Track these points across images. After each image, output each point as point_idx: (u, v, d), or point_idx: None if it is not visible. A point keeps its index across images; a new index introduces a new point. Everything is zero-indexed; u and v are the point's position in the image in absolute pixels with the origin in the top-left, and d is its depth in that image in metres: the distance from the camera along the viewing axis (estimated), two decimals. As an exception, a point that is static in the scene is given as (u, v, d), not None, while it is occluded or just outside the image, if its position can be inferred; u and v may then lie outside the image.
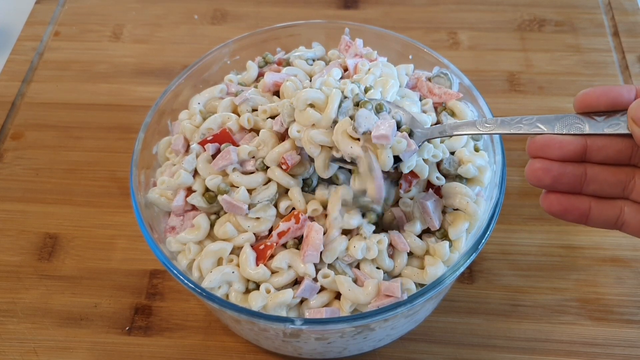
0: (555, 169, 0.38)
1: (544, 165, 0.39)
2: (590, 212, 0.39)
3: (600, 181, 0.38)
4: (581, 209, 0.39)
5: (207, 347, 0.59)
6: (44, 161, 0.74)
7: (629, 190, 0.38)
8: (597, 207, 0.39)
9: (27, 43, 0.87)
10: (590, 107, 0.38)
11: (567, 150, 0.38)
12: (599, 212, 0.39)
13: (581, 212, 0.39)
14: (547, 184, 0.39)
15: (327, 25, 0.65)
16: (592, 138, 0.38)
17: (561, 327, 0.59)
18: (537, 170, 0.39)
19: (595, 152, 0.38)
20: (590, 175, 0.38)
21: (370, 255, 0.49)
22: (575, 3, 0.88)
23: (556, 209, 0.39)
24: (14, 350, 0.59)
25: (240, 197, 0.50)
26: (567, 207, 0.39)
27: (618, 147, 0.38)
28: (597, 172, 0.38)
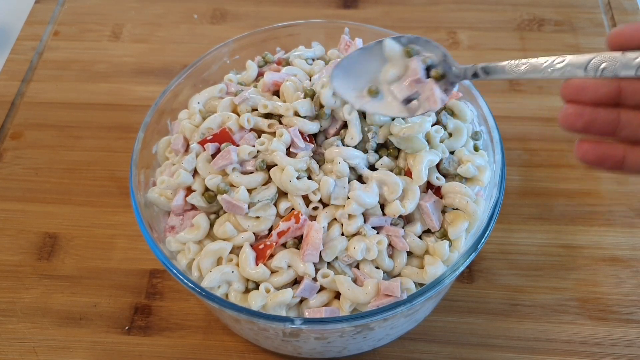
0: (588, 113, 0.38)
1: (577, 110, 0.38)
2: (625, 159, 0.38)
3: (634, 126, 0.37)
4: (616, 156, 0.38)
5: (206, 346, 0.59)
6: (44, 161, 0.74)
7: None
8: (633, 152, 0.38)
9: (26, 43, 0.87)
10: (624, 45, 0.37)
11: (600, 93, 0.38)
12: (635, 158, 0.38)
13: (616, 160, 0.38)
14: (579, 128, 0.38)
15: (326, 25, 0.65)
16: (626, 80, 0.37)
17: (560, 327, 0.59)
18: (570, 115, 0.38)
19: (630, 95, 0.37)
20: (625, 120, 0.38)
21: (370, 255, 0.49)
22: (574, 3, 0.88)
23: (591, 158, 0.39)
24: (14, 349, 0.59)
25: (240, 197, 0.50)
26: (602, 156, 0.38)
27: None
28: (631, 117, 0.38)
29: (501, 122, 0.57)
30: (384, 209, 0.50)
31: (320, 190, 0.50)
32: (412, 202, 0.50)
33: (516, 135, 0.73)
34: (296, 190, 0.49)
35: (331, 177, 0.50)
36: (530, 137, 0.73)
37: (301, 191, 0.50)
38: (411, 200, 0.50)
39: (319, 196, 0.50)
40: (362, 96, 0.51)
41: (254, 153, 0.51)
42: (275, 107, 0.54)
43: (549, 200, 0.68)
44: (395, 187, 0.49)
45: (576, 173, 0.70)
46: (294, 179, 0.49)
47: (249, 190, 0.51)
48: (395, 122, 0.52)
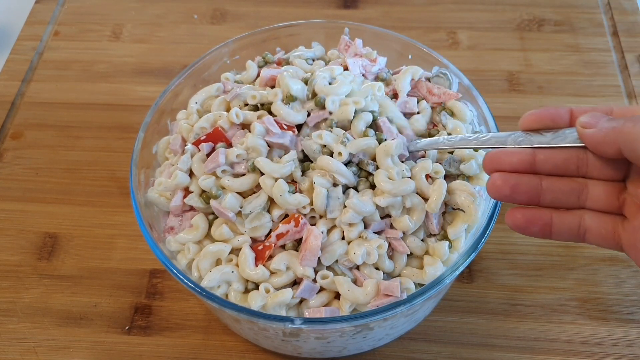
0: (513, 178, 0.41)
1: (502, 176, 0.42)
2: (552, 223, 0.41)
3: (555, 190, 0.41)
4: (544, 219, 0.42)
5: (206, 346, 0.59)
6: (44, 161, 0.74)
7: (583, 198, 0.41)
8: (559, 217, 0.42)
9: (26, 43, 0.87)
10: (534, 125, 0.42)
11: (516, 159, 0.42)
12: (561, 222, 0.41)
13: (544, 223, 0.42)
14: (506, 193, 0.41)
15: (326, 25, 0.65)
16: (539, 150, 0.42)
17: (560, 327, 0.59)
18: (496, 181, 0.42)
19: (543, 162, 0.41)
20: (546, 186, 0.41)
21: (370, 260, 0.48)
22: (574, 3, 0.88)
23: (520, 222, 0.42)
24: (14, 349, 0.60)
25: (226, 205, 0.49)
26: (530, 219, 0.42)
27: (563, 157, 0.41)
28: (551, 182, 0.41)
29: (501, 122, 0.57)
30: (393, 223, 0.50)
31: (314, 204, 0.49)
32: (421, 215, 0.50)
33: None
34: (287, 204, 0.49)
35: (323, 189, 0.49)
36: (530, 137, 0.73)
37: (292, 206, 0.49)
38: (419, 213, 0.50)
39: (308, 210, 0.49)
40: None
41: (243, 155, 0.51)
42: (263, 96, 0.54)
43: (548, 200, 0.68)
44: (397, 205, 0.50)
45: (576, 173, 0.70)
46: (285, 194, 0.49)
47: (240, 193, 0.51)
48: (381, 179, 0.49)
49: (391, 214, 0.50)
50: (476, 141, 0.46)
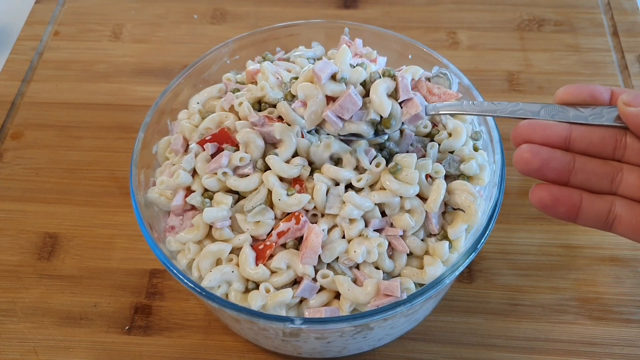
0: (545, 152, 0.38)
1: (532, 148, 0.39)
2: (581, 206, 0.38)
3: (587, 171, 0.38)
4: (572, 200, 0.38)
5: (206, 346, 0.59)
6: (44, 161, 0.74)
7: (616, 184, 0.38)
8: (588, 200, 0.39)
9: (26, 43, 0.87)
10: (571, 99, 0.39)
11: (551, 133, 0.39)
12: (590, 205, 0.38)
13: (572, 204, 0.38)
14: (535, 167, 0.38)
15: (326, 25, 0.65)
16: (575, 126, 0.39)
17: (560, 327, 0.59)
18: (525, 153, 0.38)
19: (579, 139, 0.38)
20: (578, 165, 0.38)
21: (370, 258, 0.48)
22: (574, 3, 0.88)
23: (547, 200, 0.39)
24: (14, 349, 0.60)
25: (214, 214, 0.50)
26: (559, 198, 0.38)
27: (601, 135, 0.38)
28: (584, 161, 0.38)
29: (501, 122, 0.57)
30: (392, 222, 0.50)
31: (314, 201, 0.50)
32: (422, 215, 0.50)
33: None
34: (288, 207, 0.49)
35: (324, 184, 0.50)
36: (530, 137, 0.73)
37: (294, 207, 0.49)
38: (420, 214, 0.50)
39: (312, 206, 0.50)
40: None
41: (246, 160, 0.51)
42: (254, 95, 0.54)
43: (548, 200, 0.68)
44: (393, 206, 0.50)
45: (576, 173, 0.70)
46: (283, 197, 0.49)
47: (244, 195, 0.51)
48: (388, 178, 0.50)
49: (386, 213, 0.50)
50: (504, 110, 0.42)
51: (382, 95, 0.48)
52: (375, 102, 0.48)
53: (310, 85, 0.49)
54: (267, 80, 0.54)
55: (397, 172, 0.49)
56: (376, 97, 0.48)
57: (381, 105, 0.48)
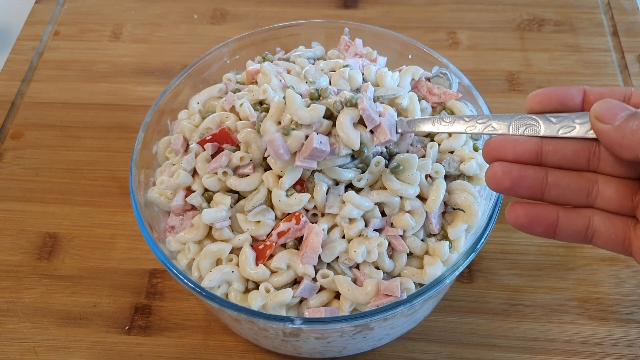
0: (515, 171, 0.38)
1: (504, 167, 0.38)
2: (558, 223, 0.38)
3: (562, 186, 0.37)
4: (548, 219, 0.38)
5: (206, 346, 0.59)
6: (44, 161, 0.74)
7: (592, 197, 0.38)
8: (565, 217, 0.38)
9: (26, 42, 0.87)
10: (540, 108, 0.38)
11: (521, 149, 0.38)
12: (567, 222, 0.38)
13: (548, 224, 0.38)
14: (506, 186, 0.38)
15: (326, 25, 0.65)
16: (546, 140, 0.38)
17: (560, 327, 0.59)
18: (497, 172, 0.38)
19: (551, 153, 0.38)
20: (552, 180, 0.38)
21: (370, 258, 0.48)
22: (574, 3, 0.88)
23: (522, 220, 0.38)
24: (14, 349, 0.60)
25: (212, 215, 0.49)
26: (534, 218, 0.38)
27: (573, 148, 0.37)
28: (558, 176, 0.38)
29: (501, 122, 0.57)
30: (392, 222, 0.50)
31: (315, 200, 0.50)
32: (422, 215, 0.50)
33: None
34: (288, 207, 0.49)
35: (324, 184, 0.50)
36: (530, 137, 0.73)
37: (295, 207, 0.49)
38: (420, 215, 0.50)
39: (313, 204, 0.50)
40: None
41: (246, 159, 0.51)
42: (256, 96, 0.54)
43: (548, 200, 0.68)
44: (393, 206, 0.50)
45: (576, 173, 0.70)
46: (283, 197, 0.49)
47: (244, 195, 0.51)
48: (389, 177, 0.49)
49: (386, 213, 0.50)
50: (473, 127, 0.41)
51: (349, 129, 0.47)
52: (343, 138, 0.47)
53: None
54: (270, 83, 0.54)
55: (399, 172, 0.49)
56: (343, 133, 0.47)
57: (349, 140, 0.47)
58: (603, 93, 0.37)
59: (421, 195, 0.51)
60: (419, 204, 0.50)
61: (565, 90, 0.38)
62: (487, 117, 0.40)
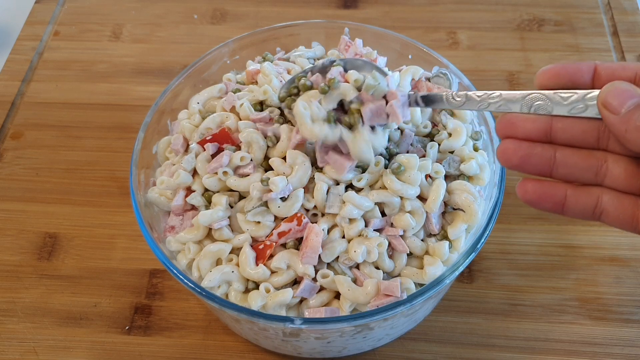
0: (524, 148, 0.38)
1: (514, 145, 0.39)
2: (566, 200, 0.38)
3: (570, 165, 0.38)
4: (557, 196, 0.38)
5: (206, 346, 0.59)
6: (44, 161, 0.74)
7: (601, 175, 0.38)
8: (573, 195, 0.38)
9: (26, 42, 0.87)
10: (551, 83, 0.38)
11: (531, 127, 0.38)
12: (575, 199, 0.38)
13: (557, 200, 0.38)
14: (515, 163, 0.39)
15: (326, 25, 0.65)
16: (556, 118, 0.38)
17: (560, 327, 0.59)
18: (506, 149, 0.39)
19: (561, 131, 0.38)
20: (560, 158, 0.38)
21: (370, 258, 0.48)
22: (574, 3, 0.88)
23: (531, 196, 0.39)
24: (14, 349, 0.60)
25: (209, 217, 0.50)
26: (542, 194, 0.39)
27: (583, 128, 0.37)
28: (567, 155, 0.38)
29: (501, 122, 0.57)
30: (392, 221, 0.50)
31: (315, 198, 0.50)
32: (422, 216, 0.51)
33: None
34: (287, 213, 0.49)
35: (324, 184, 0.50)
36: (530, 137, 0.73)
37: (294, 209, 0.49)
38: (420, 215, 0.50)
39: (313, 204, 0.50)
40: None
41: (247, 159, 0.51)
42: (256, 97, 0.54)
43: (548, 200, 0.68)
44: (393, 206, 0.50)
45: (576, 173, 0.70)
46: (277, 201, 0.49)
47: (244, 195, 0.51)
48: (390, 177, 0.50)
49: (386, 213, 0.50)
50: (485, 105, 0.41)
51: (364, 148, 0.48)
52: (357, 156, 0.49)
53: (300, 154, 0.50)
54: (270, 83, 0.54)
55: (399, 172, 0.49)
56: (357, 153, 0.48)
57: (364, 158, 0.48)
58: (614, 69, 0.37)
59: (421, 195, 0.51)
60: (419, 204, 0.50)
61: (575, 67, 0.38)
62: (498, 94, 0.40)
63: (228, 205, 0.51)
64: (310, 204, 0.50)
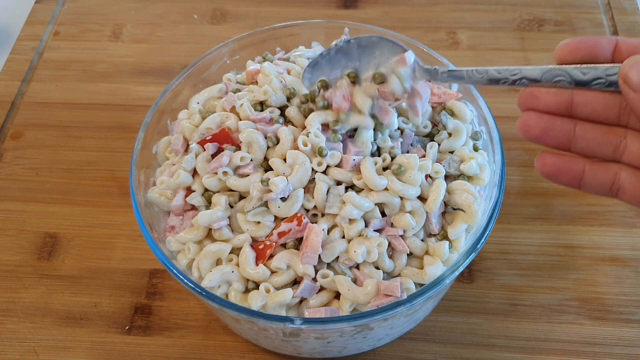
0: (544, 121, 0.39)
1: (534, 117, 0.39)
2: (584, 175, 0.39)
3: (589, 139, 0.38)
4: (574, 170, 0.39)
5: (206, 346, 0.59)
6: (44, 161, 0.74)
7: (620, 151, 0.38)
8: (591, 170, 0.39)
9: (26, 42, 0.87)
10: (569, 57, 0.38)
11: (552, 101, 0.39)
12: (593, 175, 0.38)
13: (574, 174, 0.39)
14: (535, 135, 0.39)
15: (326, 25, 0.65)
16: (577, 91, 0.38)
17: (560, 327, 0.59)
18: (527, 121, 0.39)
19: (581, 105, 0.38)
20: (579, 132, 0.38)
21: (370, 258, 0.48)
22: (574, 3, 0.88)
23: (549, 169, 0.39)
24: (14, 349, 0.60)
25: (208, 217, 0.50)
26: (560, 168, 0.39)
27: (604, 102, 0.37)
28: (586, 129, 0.38)
29: (501, 122, 0.57)
30: (392, 221, 0.50)
31: (315, 198, 0.50)
32: (422, 216, 0.51)
33: (516, 135, 0.71)
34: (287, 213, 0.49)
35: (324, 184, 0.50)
36: (530, 137, 0.73)
37: (294, 209, 0.49)
38: (420, 215, 0.50)
39: (313, 204, 0.50)
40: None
41: (247, 159, 0.51)
42: (256, 97, 0.54)
43: (549, 200, 0.68)
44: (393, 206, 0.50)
45: (576, 173, 0.70)
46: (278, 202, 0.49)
47: (244, 195, 0.51)
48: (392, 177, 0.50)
49: (385, 213, 0.50)
50: (507, 79, 0.41)
51: (373, 175, 0.49)
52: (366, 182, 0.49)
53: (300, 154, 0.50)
54: (270, 84, 0.54)
55: (400, 173, 0.50)
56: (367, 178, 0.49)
57: (374, 185, 0.49)
58: (635, 45, 0.37)
59: (421, 195, 0.51)
60: (419, 204, 0.50)
61: (595, 40, 0.37)
62: (519, 68, 0.40)
63: (228, 206, 0.51)
64: (310, 204, 0.50)
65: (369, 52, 0.49)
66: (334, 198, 0.50)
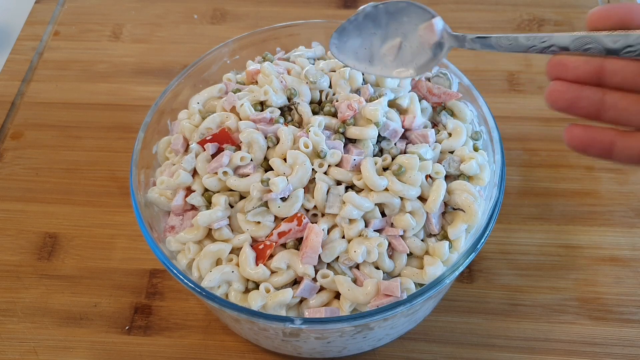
0: (572, 91, 0.38)
1: (562, 87, 0.38)
2: (614, 146, 0.38)
3: (619, 109, 0.37)
4: (604, 142, 0.38)
5: (206, 346, 0.59)
6: (44, 161, 0.74)
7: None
8: (622, 140, 0.38)
9: (26, 42, 0.87)
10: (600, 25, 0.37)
11: (581, 70, 0.37)
12: (624, 144, 0.37)
13: (604, 146, 0.38)
14: (563, 106, 0.38)
15: (326, 25, 0.65)
16: (607, 60, 0.37)
17: (560, 327, 0.59)
18: (555, 91, 0.38)
19: (612, 73, 0.37)
20: (609, 102, 0.37)
21: (370, 258, 0.48)
22: (574, 3, 0.88)
23: (578, 142, 0.38)
24: (14, 349, 0.60)
25: (208, 217, 0.50)
26: (590, 140, 0.38)
27: (635, 70, 0.36)
28: (616, 98, 0.37)
29: (501, 122, 0.57)
30: (393, 221, 0.50)
31: (315, 198, 0.50)
32: (423, 216, 0.51)
33: (516, 135, 0.73)
34: (286, 213, 0.49)
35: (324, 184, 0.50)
36: (530, 137, 0.73)
37: (294, 209, 0.49)
38: (420, 215, 0.51)
39: (313, 204, 0.50)
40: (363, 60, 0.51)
41: (247, 159, 0.51)
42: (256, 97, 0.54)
43: (549, 200, 0.68)
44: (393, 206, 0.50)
45: (576, 173, 0.70)
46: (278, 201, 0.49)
47: (244, 195, 0.51)
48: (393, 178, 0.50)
49: (385, 213, 0.50)
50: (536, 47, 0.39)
51: (373, 176, 0.49)
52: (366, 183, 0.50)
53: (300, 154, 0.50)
54: (271, 84, 0.54)
55: (400, 173, 0.50)
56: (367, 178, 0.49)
57: (374, 186, 0.49)
58: None
59: (421, 195, 0.51)
60: (419, 204, 0.50)
61: (627, 7, 0.36)
62: (548, 36, 0.39)
63: (227, 205, 0.51)
64: (310, 204, 0.50)
65: (397, 18, 0.48)
66: (334, 198, 0.50)
